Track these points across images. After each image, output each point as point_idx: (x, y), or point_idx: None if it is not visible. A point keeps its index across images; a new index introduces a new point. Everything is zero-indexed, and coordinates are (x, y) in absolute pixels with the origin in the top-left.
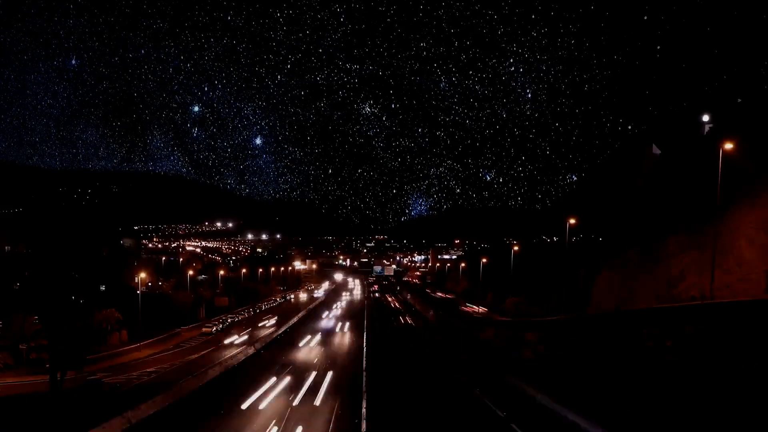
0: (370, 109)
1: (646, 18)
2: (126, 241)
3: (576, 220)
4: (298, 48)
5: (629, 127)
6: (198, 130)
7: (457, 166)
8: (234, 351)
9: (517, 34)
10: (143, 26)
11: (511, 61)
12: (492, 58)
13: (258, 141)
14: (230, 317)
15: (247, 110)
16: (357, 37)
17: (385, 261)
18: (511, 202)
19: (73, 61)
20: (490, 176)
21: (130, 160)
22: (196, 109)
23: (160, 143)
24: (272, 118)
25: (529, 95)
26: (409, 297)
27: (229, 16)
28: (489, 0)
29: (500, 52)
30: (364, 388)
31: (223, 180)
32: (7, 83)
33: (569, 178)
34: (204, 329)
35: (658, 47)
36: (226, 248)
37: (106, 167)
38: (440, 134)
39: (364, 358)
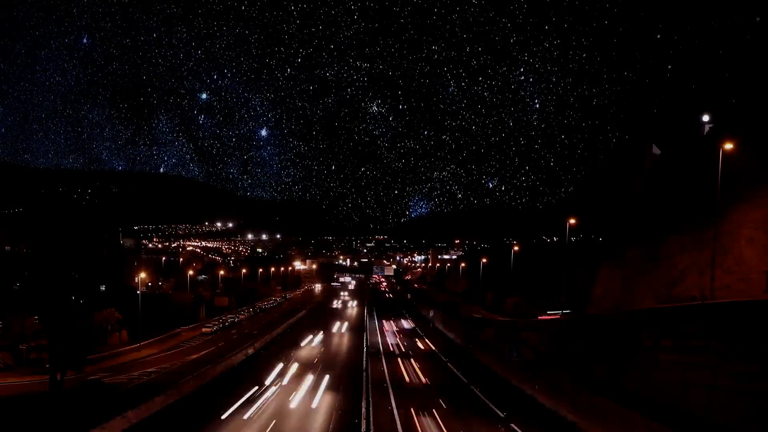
0: (378, 108)
1: (659, 36)
2: (126, 241)
3: (576, 220)
4: (309, 42)
5: None
6: (204, 118)
7: (460, 171)
8: None
9: (529, 43)
10: (156, 10)
11: (522, 70)
12: (502, 65)
13: (263, 132)
14: (230, 317)
15: (254, 101)
16: (369, 35)
17: (385, 261)
18: (512, 211)
19: (84, 40)
20: (492, 183)
21: (135, 143)
22: (204, 96)
23: (165, 128)
24: (279, 111)
25: (537, 106)
26: (408, 296)
27: (243, 6)
28: (503, 8)
29: (511, 61)
30: None
31: (226, 169)
32: (17, 58)
33: (571, 190)
34: (204, 329)
35: (669, 66)
36: (226, 248)
37: (109, 159)
38: (446, 138)
39: None
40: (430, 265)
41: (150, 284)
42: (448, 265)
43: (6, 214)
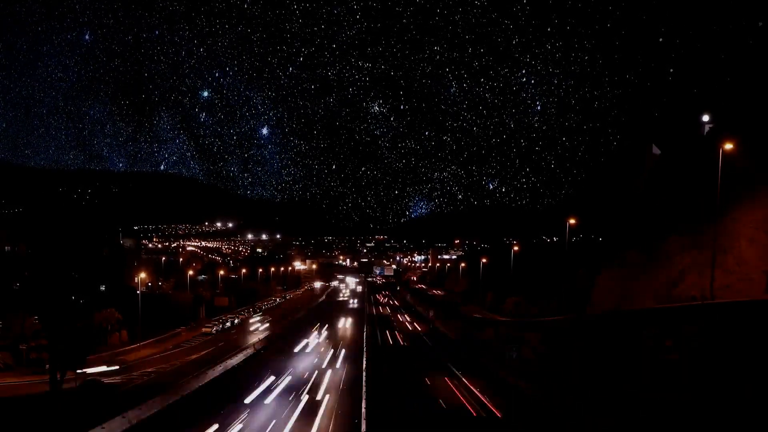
0: (379, 108)
1: (661, 39)
2: (126, 241)
3: (576, 220)
4: (311, 41)
5: None
6: (205, 116)
7: (461, 172)
8: None
9: (532, 45)
10: (159, 7)
11: (523, 72)
12: (504, 67)
13: (264, 131)
14: (230, 317)
15: (256, 99)
16: (371, 35)
17: (385, 261)
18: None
19: (86, 37)
20: (493, 185)
21: (135, 139)
22: (205, 94)
23: (166, 125)
24: (280, 110)
25: (539, 107)
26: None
27: (245, 4)
28: (506, 9)
29: (513, 62)
30: None
31: (227, 167)
32: (18, 54)
33: (571, 192)
34: (204, 329)
35: (671, 70)
36: (226, 248)
37: (110, 156)
38: (446, 139)
39: None
40: (430, 265)
41: (150, 284)
42: (448, 265)
43: (6, 214)
